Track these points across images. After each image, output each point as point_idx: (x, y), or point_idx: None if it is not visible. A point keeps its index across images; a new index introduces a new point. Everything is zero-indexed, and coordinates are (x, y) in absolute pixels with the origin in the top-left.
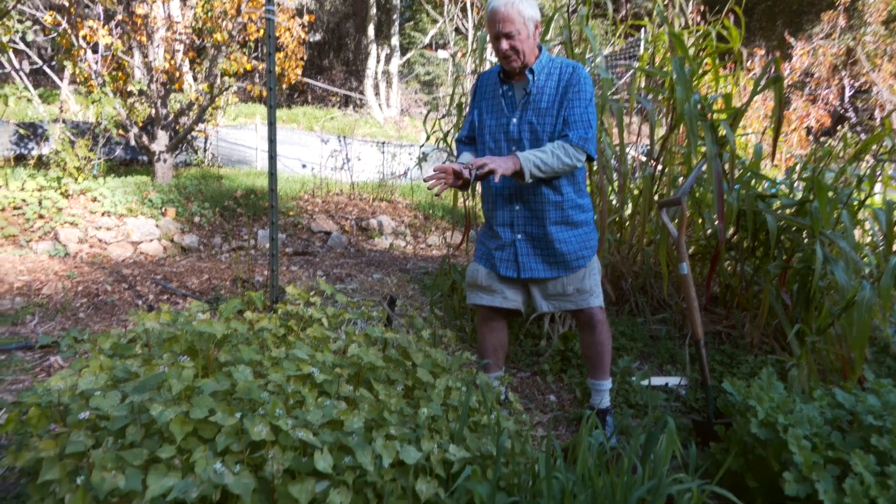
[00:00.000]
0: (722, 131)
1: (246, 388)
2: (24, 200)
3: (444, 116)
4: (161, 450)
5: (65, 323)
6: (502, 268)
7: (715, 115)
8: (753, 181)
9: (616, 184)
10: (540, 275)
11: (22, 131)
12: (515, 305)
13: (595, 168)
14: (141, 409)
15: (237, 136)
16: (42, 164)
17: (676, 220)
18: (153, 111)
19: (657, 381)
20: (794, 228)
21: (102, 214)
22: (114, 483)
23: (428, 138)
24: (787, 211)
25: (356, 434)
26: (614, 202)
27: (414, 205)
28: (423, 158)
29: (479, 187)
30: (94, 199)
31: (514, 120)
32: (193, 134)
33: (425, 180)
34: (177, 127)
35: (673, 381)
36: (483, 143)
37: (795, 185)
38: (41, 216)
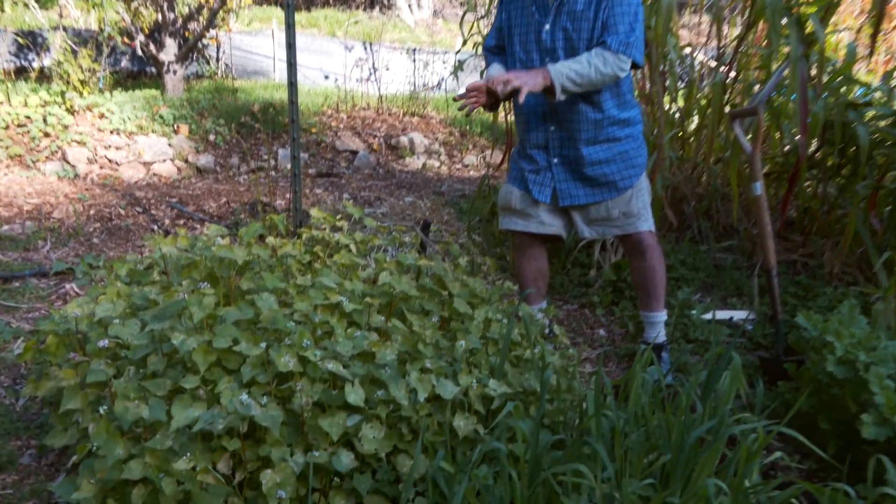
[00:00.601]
0: (810, 27)
1: (271, 317)
2: (27, 117)
3: (482, 18)
4: (185, 380)
5: (78, 248)
6: (536, 191)
7: (802, 9)
8: (844, 87)
9: (681, 93)
10: (581, 201)
11: (21, 40)
12: (554, 231)
13: (645, 74)
14: (162, 339)
15: (252, 44)
16: (44, 76)
17: (751, 135)
18: (159, 16)
19: (721, 314)
20: (889, 143)
21: (111, 132)
22: (137, 413)
23: (464, 44)
24: (883, 122)
25: (389, 367)
26: (676, 114)
27: (449, 120)
28: (458, 67)
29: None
30: (102, 116)
31: (547, 26)
32: (204, 42)
33: (455, 99)
34: (186, 34)
35: (739, 315)
36: (512, 53)
37: (894, 91)
38: (47, 134)
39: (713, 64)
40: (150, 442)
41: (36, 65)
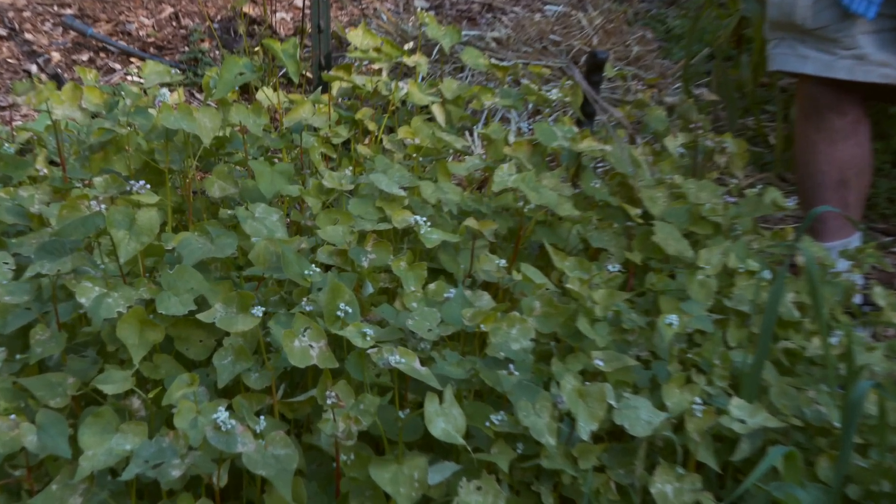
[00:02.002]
0: None
1: (270, 253)
2: None
3: None
4: (102, 378)
5: None
6: None
7: None
8: None
9: None
10: None
11: None
12: (891, 79)
13: None
14: (57, 294)
15: None
16: None
17: None
18: None
19: None
20: None
21: None
22: (15, 440)
23: None
24: None
25: (515, 364)
26: None
27: None
28: None
29: None
30: None
31: None
32: None
33: None
34: None
35: None
36: None
37: None
38: None
39: None
40: (38, 497)
41: None
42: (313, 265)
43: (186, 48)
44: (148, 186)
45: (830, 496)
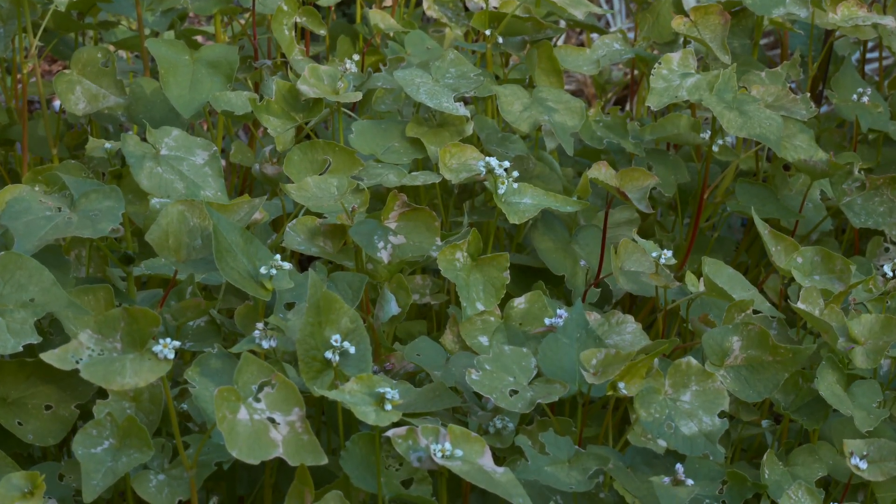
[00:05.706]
0: None
1: (186, 231)
2: None
3: None
4: None
5: None
6: None
7: None
8: None
9: None
10: None
11: None
12: None
13: None
14: None
15: None
16: None
17: None
18: None
19: None
20: None
21: None
22: None
23: None
24: None
25: (686, 464)
26: None
27: None
28: None
29: None
30: None
31: None
32: None
33: None
34: None
35: None
36: None
37: None
38: None
39: None
40: None
41: None
42: (277, 256)
43: None
44: None
45: None
